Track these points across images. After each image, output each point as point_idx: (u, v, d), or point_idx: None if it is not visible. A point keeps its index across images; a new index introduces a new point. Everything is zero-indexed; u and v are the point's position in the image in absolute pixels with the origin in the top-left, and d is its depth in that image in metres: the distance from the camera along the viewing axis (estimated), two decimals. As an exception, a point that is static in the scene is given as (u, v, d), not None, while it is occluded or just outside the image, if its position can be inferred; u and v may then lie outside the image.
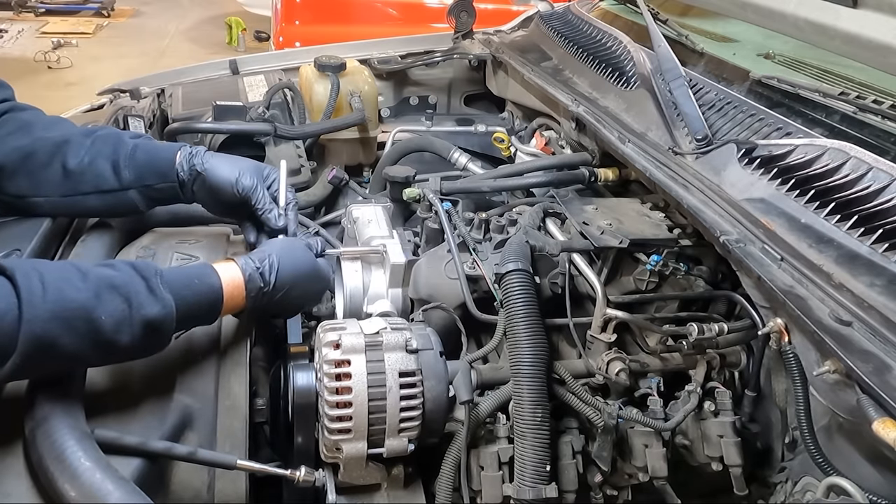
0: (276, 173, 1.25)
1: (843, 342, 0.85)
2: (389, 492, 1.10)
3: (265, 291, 1.04)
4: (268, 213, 1.21)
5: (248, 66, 2.19)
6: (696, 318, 1.20)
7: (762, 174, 1.13)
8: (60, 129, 1.18)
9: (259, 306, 1.05)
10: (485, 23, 2.34)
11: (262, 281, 1.03)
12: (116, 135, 1.21)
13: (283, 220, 1.22)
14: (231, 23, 7.11)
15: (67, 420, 0.81)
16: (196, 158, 1.19)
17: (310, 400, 1.04)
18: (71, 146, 1.14)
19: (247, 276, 1.02)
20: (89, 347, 0.83)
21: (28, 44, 6.98)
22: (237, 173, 1.19)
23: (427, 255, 1.34)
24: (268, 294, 1.04)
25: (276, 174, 1.25)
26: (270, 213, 1.21)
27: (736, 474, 1.15)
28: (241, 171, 1.20)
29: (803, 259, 0.99)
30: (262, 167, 1.25)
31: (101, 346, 0.84)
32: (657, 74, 1.43)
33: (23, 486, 0.81)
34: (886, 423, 0.77)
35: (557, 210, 1.39)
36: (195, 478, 0.94)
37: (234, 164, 1.21)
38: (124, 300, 0.86)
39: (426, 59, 2.21)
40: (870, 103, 1.22)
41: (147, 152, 1.19)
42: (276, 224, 1.21)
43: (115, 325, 0.84)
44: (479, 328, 1.33)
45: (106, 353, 0.87)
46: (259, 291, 1.03)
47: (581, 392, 1.17)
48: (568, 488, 1.15)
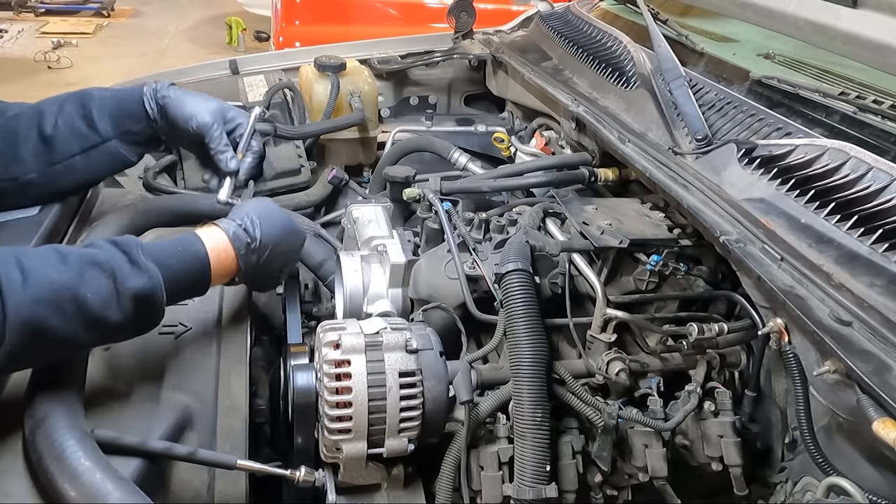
0: (244, 118, 1.24)
1: (843, 342, 0.85)
2: (389, 492, 1.10)
3: (253, 248, 1.02)
4: (220, 153, 1.19)
5: (248, 66, 2.19)
6: (696, 318, 1.20)
7: (762, 174, 1.13)
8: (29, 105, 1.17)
9: (251, 268, 1.03)
10: (485, 23, 2.34)
11: (249, 236, 1.02)
12: (82, 92, 1.20)
13: (235, 164, 1.20)
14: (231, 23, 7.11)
15: (67, 420, 0.81)
16: (160, 93, 1.18)
17: (310, 400, 1.04)
18: (44, 115, 1.14)
19: (230, 234, 1.01)
20: (80, 328, 0.82)
21: (28, 44, 6.98)
22: (194, 109, 1.18)
23: (427, 255, 1.34)
24: (256, 251, 1.02)
25: (242, 119, 1.23)
26: (223, 155, 1.19)
27: (736, 474, 1.15)
28: (201, 108, 1.18)
29: (803, 259, 0.99)
30: (226, 109, 1.23)
31: (92, 325, 0.83)
32: (657, 74, 1.43)
33: (23, 486, 0.81)
34: (886, 423, 0.77)
35: (557, 210, 1.39)
36: (195, 478, 0.94)
37: (198, 102, 1.19)
38: (108, 276, 0.85)
39: (426, 59, 2.21)
40: (870, 103, 1.22)
41: (115, 99, 1.18)
42: (226, 166, 1.20)
43: (102, 303, 0.83)
44: (479, 328, 1.33)
45: (98, 332, 0.86)
46: (248, 249, 1.01)
47: (581, 392, 1.17)
48: (568, 488, 1.15)
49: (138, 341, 1.05)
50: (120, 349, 1.03)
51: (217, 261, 0.99)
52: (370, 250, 1.36)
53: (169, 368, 1.03)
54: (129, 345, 1.04)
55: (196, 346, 1.08)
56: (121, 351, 1.03)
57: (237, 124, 1.23)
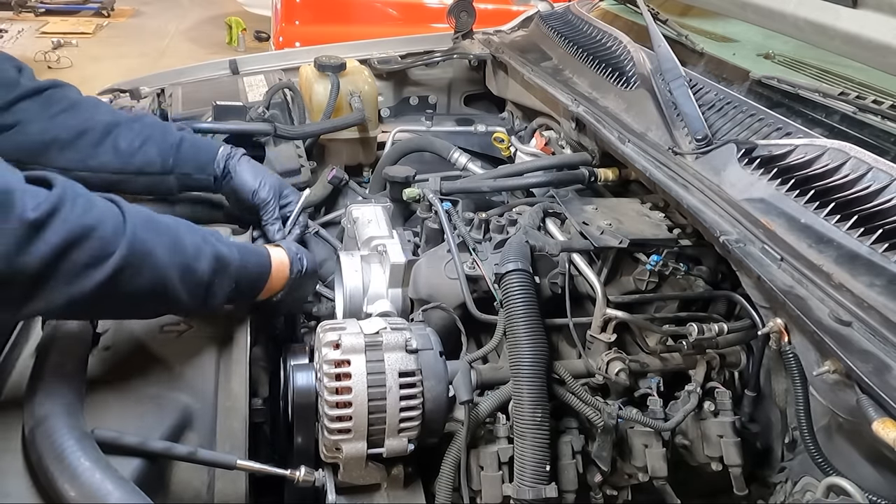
0: (295, 195, 1.43)
1: (843, 342, 0.85)
2: (389, 492, 1.10)
3: (299, 275, 1.16)
4: (270, 224, 1.38)
5: (248, 66, 2.18)
6: (696, 318, 1.20)
7: (762, 174, 1.13)
8: (107, 111, 1.30)
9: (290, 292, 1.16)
10: (485, 23, 2.34)
11: (300, 264, 1.17)
12: (163, 125, 1.34)
13: (281, 236, 1.38)
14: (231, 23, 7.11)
15: (67, 420, 0.81)
16: (231, 161, 1.36)
17: (310, 400, 1.04)
18: (122, 129, 1.27)
19: (291, 256, 1.16)
20: (176, 267, 0.91)
21: (28, 44, 6.98)
22: (258, 184, 1.37)
23: (427, 255, 1.34)
24: (300, 279, 1.17)
25: (293, 196, 1.43)
26: (272, 226, 1.38)
27: (736, 474, 1.15)
28: (262, 182, 1.37)
29: (803, 259, 0.99)
30: (283, 186, 1.42)
31: (184, 268, 0.93)
32: (657, 74, 1.43)
33: (23, 485, 0.81)
34: (886, 423, 0.77)
35: (557, 210, 1.39)
36: (195, 478, 0.94)
37: (259, 175, 1.38)
38: (201, 237, 0.99)
39: (426, 59, 2.21)
40: (870, 103, 1.22)
41: (193, 145, 1.34)
42: (273, 237, 1.38)
43: (195, 250, 0.95)
44: (479, 328, 1.33)
45: (186, 279, 0.93)
46: (297, 274, 1.16)
47: (581, 392, 1.17)
48: (568, 488, 1.15)
49: (138, 341, 1.06)
50: (120, 349, 1.04)
51: (276, 271, 1.13)
52: (370, 250, 1.36)
53: (169, 368, 1.03)
54: (130, 345, 1.05)
55: (196, 346, 1.08)
56: (121, 351, 1.03)
57: (289, 202, 1.42)
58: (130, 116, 1.32)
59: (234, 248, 1.04)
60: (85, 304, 0.82)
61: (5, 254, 0.72)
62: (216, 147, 1.36)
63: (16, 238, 0.73)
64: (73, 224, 0.78)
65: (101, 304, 0.87)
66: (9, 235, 0.72)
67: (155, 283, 0.89)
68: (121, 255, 0.82)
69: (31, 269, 0.74)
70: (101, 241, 0.81)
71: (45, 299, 0.78)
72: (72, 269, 0.78)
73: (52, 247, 0.76)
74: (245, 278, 1.06)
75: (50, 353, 0.92)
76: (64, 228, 0.77)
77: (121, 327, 1.07)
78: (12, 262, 0.72)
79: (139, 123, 1.30)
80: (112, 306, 0.90)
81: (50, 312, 0.81)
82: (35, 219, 0.74)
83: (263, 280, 1.11)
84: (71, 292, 0.79)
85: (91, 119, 1.25)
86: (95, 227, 0.81)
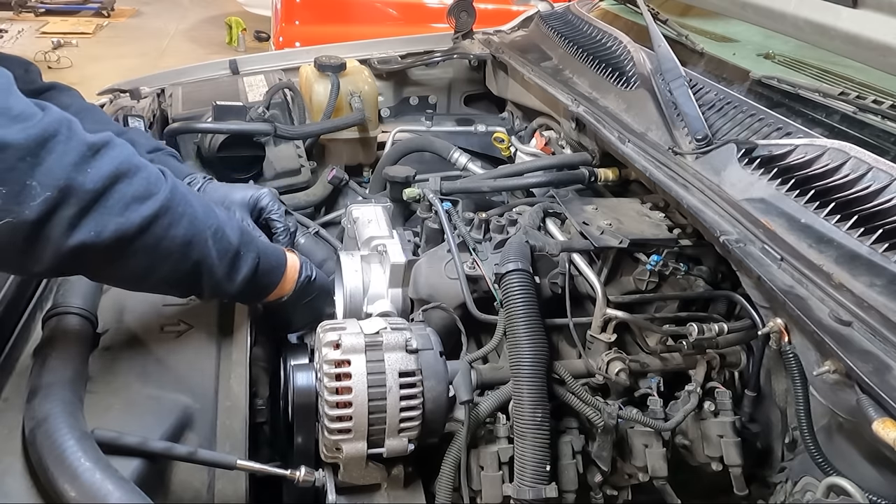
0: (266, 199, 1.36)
1: (843, 342, 0.85)
2: (389, 492, 1.10)
3: (307, 282, 1.17)
4: None
5: (248, 66, 2.18)
6: (696, 318, 1.20)
7: (762, 174, 1.13)
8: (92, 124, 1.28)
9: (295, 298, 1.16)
10: (485, 23, 2.34)
11: (309, 270, 1.18)
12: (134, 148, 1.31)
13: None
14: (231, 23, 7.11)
15: (67, 420, 0.81)
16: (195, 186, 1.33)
17: (310, 400, 1.04)
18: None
19: (301, 261, 1.17)
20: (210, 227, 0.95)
21: (28, 44, 6.98)
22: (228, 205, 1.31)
23: (427, 255, 1.34)
24: (308, 286, 1.17)
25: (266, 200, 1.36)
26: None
27: (736, 474, 1.15)
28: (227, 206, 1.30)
29: (803, 259, 0.99)
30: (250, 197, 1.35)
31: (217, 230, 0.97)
32: (657, 74, 1.43)
33: (23, 486, 0.81)
34: (886, 423, 0.77)
35: (557, 210, 1.39)
36: (195, 478, 0.94)
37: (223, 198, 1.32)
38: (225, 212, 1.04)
39: (426, 59, 2.21)
40: (870, 103, 1.22)
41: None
42: None
43: (223, 219, 1.00)
44: (479, 328, 1.33)
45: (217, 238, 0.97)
46: (307, 279, 1.17)
47: (581, 392, 1.17)
48: (568, 488, 1.15)
49: (138, 342, 1.06)
50: (120, 349, 1.04)
51: (287, 272, 1.14)
52: (370, 250, 1.36)
53: (169, 368, 1.03)
54: (130, 345, 1.05)
55: (196, 346, 1.08)
56: (121, 351, 1.03)
57: (262, 207, 1.37)
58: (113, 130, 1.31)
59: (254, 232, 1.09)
60: (127, 242, 0.85)
61: (67, 167, 0.77)
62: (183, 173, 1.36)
63: (77, 154, 0.79)
64: (124, 159, 0.85)
65: (140, 250, 0.87)
66: (70, 152, 0.78)
67: (191, 236, 0.92)
68: (165, 197, 0.88)
69: (88, 187, 0.79)
70: (146, 182, 0.87)
71: (96, 226, 0.81)
72: (122, 199, 0.83)
73: (107, 171, 0.82)
74: (265, 262, 1.08)
75: (50, 353, 0.93)
76: (117, 160, 0.83)
77: (121, 328, 1.07)
78: (72, 177, 0.78)
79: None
80: (148, 256, 0.89)
81: (95, 246, 0.81)
82: (93, 142, 0.81)
83: (279, 273, 1.12)
84: (120, 223, 0.83)
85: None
86: (141, 168, 0.87)
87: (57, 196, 0.76)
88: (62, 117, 0.80)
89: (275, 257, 1.12)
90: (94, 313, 1.03)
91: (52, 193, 0.76)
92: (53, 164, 0.76)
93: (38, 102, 0.80)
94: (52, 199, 0.76)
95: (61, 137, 0.78)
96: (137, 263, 0.89)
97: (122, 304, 1.10)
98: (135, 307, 1.10)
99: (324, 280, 1.24)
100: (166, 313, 1.11)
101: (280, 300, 1.15)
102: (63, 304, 1.00)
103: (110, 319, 1.08)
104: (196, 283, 0.98)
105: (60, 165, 0.77)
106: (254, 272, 1.04)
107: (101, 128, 1.26)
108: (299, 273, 1.16)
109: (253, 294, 1.11)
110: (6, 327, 1.04)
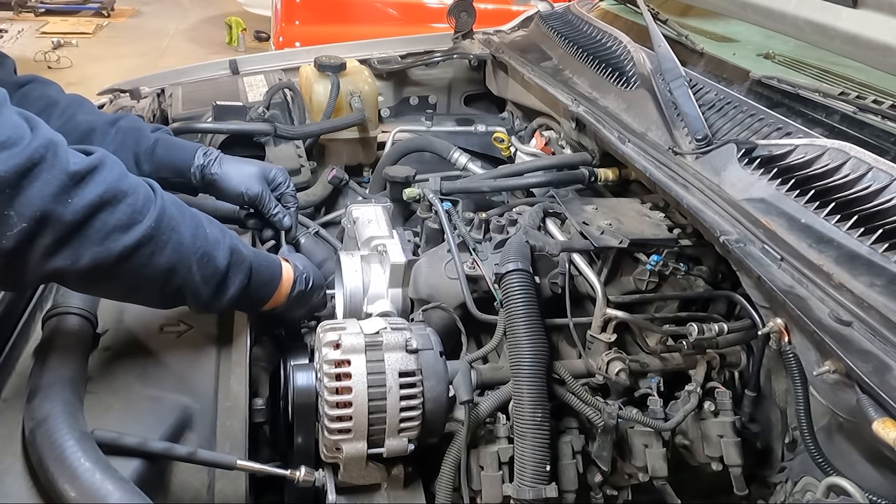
0: (282, 176, 1.38)
1: (843, 342, 0.85)
2: (389, 492, 1.10)
3: (302, 292, 1.16)
4: (274, 216, 1.36)
5: (248, 66, 2.19)
6: (696, 318, 1.20)
7: (762, 174, 1.13)
8: (87, 112, 1.27)
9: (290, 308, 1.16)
10: (485, 23, 2.34)
11: (303, 283, 1.16)
12: (138, 128, 1.31)
13: (289, 221, 1.38)
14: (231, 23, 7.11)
15: (67, 420, 0.81)
16: (209, 168, 1.30)
17: (310, 400, 1.04)
18: (96, 135, 1.25)
19: (296, 273, 1.15)
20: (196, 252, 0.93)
21: (28, 44, 6.98)
22: (244, 185, 1.32)
23: (427, 255, 1.34)
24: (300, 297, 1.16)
25: (281, 176, 1.38)
26: (277, 217, 1.36)
27: (736, 474, 1.15)
28: (248, 180, 1.32)
29: (803, 259, 0.99)
30: (265, 171, 1.37)
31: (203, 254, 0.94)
32: (657, 74, 1.43)
33: (23, 486, 0.81)
34: (886, 423, 0.77)
35: (557, 210, 1.39)
36: (195, 478, 0.94)
37: (242, 172, 1.33)
38: (219, 229, 1.01)
39: (426, 59, 2.21)
40: (870, 103, 1.22)
41: (167, 149, 1.30)
42: (282, 226, 1.38)
43: (214, 240, 0.97)
44: (479, 328, 1.33)
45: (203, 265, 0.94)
46: (299, 293, 1.15)
47: (581, 392, 1.17)
48: (568, 488, 1.15)
49: (138, 342, 1.06)
50: (120, 349, 1.04)
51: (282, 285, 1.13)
52: (370, 250, 1.36)
53: (169, 368, 1.03)
54: (130, 345, 1.05)
55: (196, 346, 1.08)
56: (121, 352, 1.03)
57: (279, 183, 1.38)
58: (108, 119, 1.29)
59: (249, 249, 1.06)
60: (106, 270, 0.83)
61: (46, 198, 0.74)
62: (191, 150, 1.32)
63: (58, 185, 0.76)
64: (110, 185, 0.81)
65: (120, 275, 0.86)
66: (51, 182, 0.75)
67: (175, 263, 0.90)
68: (149, 225, 0.85)
69: (67, 218, 0.77)
70: (132, 208, 0.84)
71: (73, 255, 0.79)
72: (102, 228, 0.80)
73: (89, 201, 0.79)
74: (256, 280, 1.06)
75: (50, 354, 0.93)
76: (101, 187, 0.80)
77: (121, 328, 1.07)
78: (51, 208, 0.75)
79: (114, 128, 1.27)
80: (128, 280, 0.89)
81: (72, 271, 0.80)
82: (76, 171, 0.78)
83: (273, 287, 1.11)
84: (98, 252, 0.80)
85: (67, 123, 1.22)
86: (129, 194, 0.84)
87: (34, 227, 0.75)
88: (49, 141, 0.76)
89: (269, 272, 1.10)
90: (94, 313, 1.03)
91: (29, 224, 0.74)
92: (33, 194, 0.74)
93: (28, 118, 0.77)
94: (29, 230, 0.74)
95: (45, 165, 0.75)
96: (117, 286, 0.90)
97: (122, 305, 1.10)
98: (135, 307, 1.10)
99: (320, 281, 1.24)
100: (166, 313, 1.11)
101: (274, 310, 1.15)
102: (63, 305, 1.00)
103: (110, 319, 1.08)
104: (181, 302, 0.99)
105: (40, 196, 0.74)
106: (243, 291, 1.03)
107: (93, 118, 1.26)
108: (293, 287, 1.14)
109: (244, 308, 1.12)
110: (6, 327, 1.04)
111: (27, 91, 1.21)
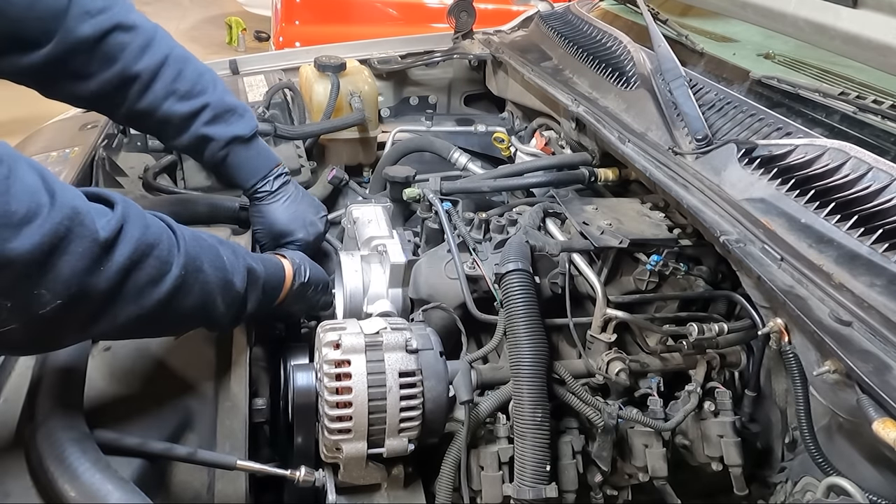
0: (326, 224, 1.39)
1: (843, 342, 0.85)
2: (389, 492, 1.10)
3: (303, 283, 1.16)
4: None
5: (248, 66, 2.18)
6: (696, 318, 1.20)
7: (762, 174, 1.13)
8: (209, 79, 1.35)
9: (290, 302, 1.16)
10: (485, 23, 2.34)
11: (302, 276, 1.16)
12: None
13: None
14: (231, 23, 7.10)
15: (67, 420, 0.81)
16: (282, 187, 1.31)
17: (310, 400, 1.04)
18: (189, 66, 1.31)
19: (295, 267, 1.16)
20: (219, 283, 0.91)
21: (28, 44, 6.95)
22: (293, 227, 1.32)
23: (427, 255, 1.34)
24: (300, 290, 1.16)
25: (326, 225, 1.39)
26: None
27: (736, 474, 1.15)
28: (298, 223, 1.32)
29: (803, 259, 0.99)
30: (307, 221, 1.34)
31: (225, 284, 0.93)
32: (657, 74, 1.43)
33: (23, 486, 0.80)
34: (886, 423, 0.77)
35: (557, 210, 1.39)
36: (195, 478, 0.94)
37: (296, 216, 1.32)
38: (232, 251, 0.98)
39: (426, 59, 2.21)
40: (870, 103, 1.22)
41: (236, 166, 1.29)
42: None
43: (231, 266, 0.95)
44: (479, 328, 1.33)
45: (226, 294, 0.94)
46: (300, 285, 1.16)
47: (581, 392, 1.17)
48: (568, 488, 1.15)
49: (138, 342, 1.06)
50: (120, 349, 1.04)
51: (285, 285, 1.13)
52: (370, 250, 1.36)
53: (169, 369, 1.03)
54: (130, 345, 1.05)
55: (196, 347, 1.08)
56: (121, 352, 1.03)
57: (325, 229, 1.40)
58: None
59: (259, 262, 1.04)
60: (142, 323, 0.81)
61: (79, 273, 0.69)
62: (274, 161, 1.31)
63: (90, 257, 0.70)
64: (138, 241, 0.77)
65: (155, 323, 0.85)
66: (83, 256, 0.69)
67: (203, 300, 0.89)
68: (177, 274, 0.82)
69: (102, 287, 0.72)
70: (159, 260, 0.80)
71: (111, 320, 0.76)
72: (135, 288, 0.77)
73: (121, 265, 0.74)
74: (268, 292, 1.07)
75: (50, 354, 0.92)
76: (130, 246, 0.75)
77: (121, 327, 1.07)
78: (85, 281, 0.70)
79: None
80: (163, 325, 0.90)
81: (112, 333, 0.79)
82: (106, 238, 0.72)
83: (279, 291, 1.12)
84: (132, 311, 0.77)
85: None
86: (154, 246, 0.80)
87: (69, 303, 0.69)
88: (72, 208, 0.68)
89: (276, 279, 1.11)
90: (94, 313, 1.03)
91: (64, 301, 0.68)
92: (64, 270, 0.67)
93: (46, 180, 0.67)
94: (64, 305, 0.69)
95: (72, 236, 0.68)
96: (148, 332, 0.93)
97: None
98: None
99: (318, 274, 1.23)
100: (166, 313, 1.11)
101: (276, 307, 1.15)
102: (63, 305, 1.00)
103: (110, 319, 1.07)
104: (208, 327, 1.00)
105: (72, 272, 0.68)
106: (257, 306, 1.03)
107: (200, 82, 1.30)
108: (293, 282, 1.15)
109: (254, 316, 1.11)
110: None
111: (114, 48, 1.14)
